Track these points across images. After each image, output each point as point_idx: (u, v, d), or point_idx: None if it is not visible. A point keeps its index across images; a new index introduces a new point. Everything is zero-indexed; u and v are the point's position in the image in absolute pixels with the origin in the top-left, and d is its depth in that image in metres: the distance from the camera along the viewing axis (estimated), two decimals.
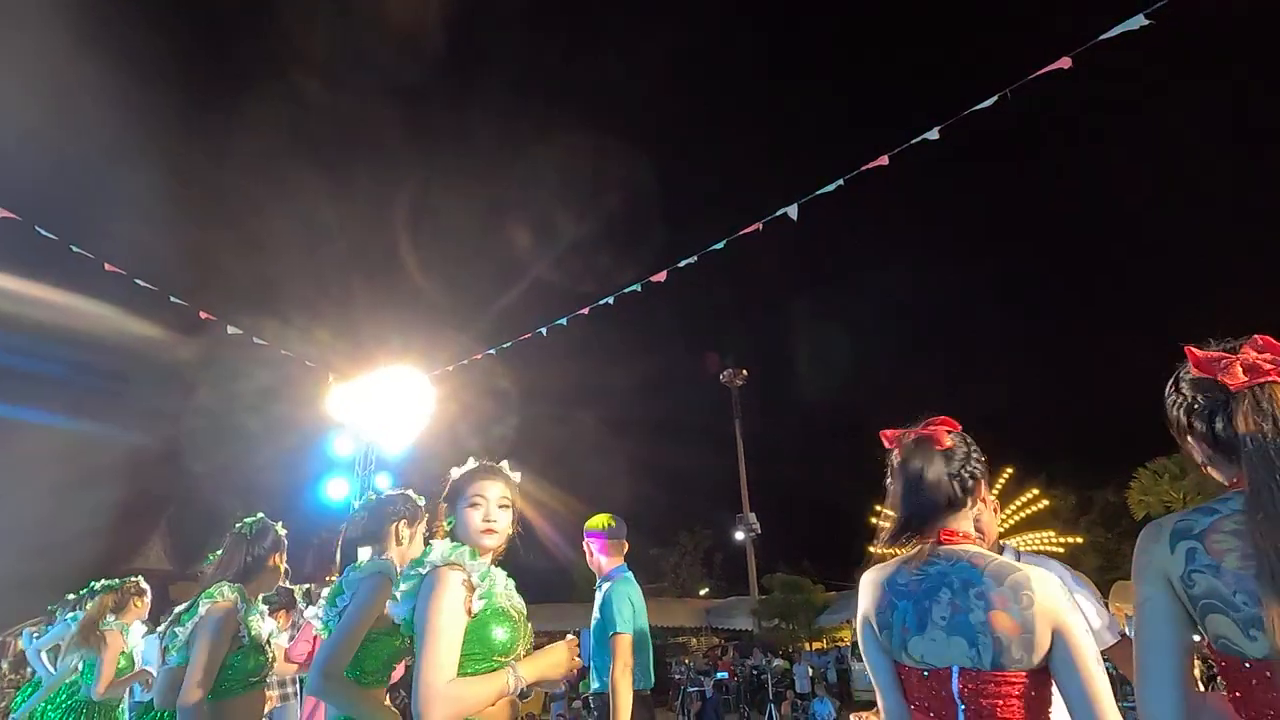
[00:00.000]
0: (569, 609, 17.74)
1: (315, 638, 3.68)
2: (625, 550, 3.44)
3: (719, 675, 16.82)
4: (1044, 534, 23.59)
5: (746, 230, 5.30)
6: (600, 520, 3.42)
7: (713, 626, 25.54)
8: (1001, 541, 2.50)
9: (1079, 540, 25.27)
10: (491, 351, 7.24)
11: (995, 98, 4.31)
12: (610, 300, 6.28)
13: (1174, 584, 1.13)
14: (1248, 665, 1.04)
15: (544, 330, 6.71)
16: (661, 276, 5.85)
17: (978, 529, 2.36)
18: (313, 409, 7.07)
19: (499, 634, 1.64)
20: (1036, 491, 26.22)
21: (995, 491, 2.80)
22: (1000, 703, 1.29)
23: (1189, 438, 1.23)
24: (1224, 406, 1.15)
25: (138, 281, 5.97)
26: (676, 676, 16.51)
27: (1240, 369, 1.13)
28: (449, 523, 1.84)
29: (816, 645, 23.20)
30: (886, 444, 1.60)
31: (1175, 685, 1.11)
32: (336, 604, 2.08)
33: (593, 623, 3.25)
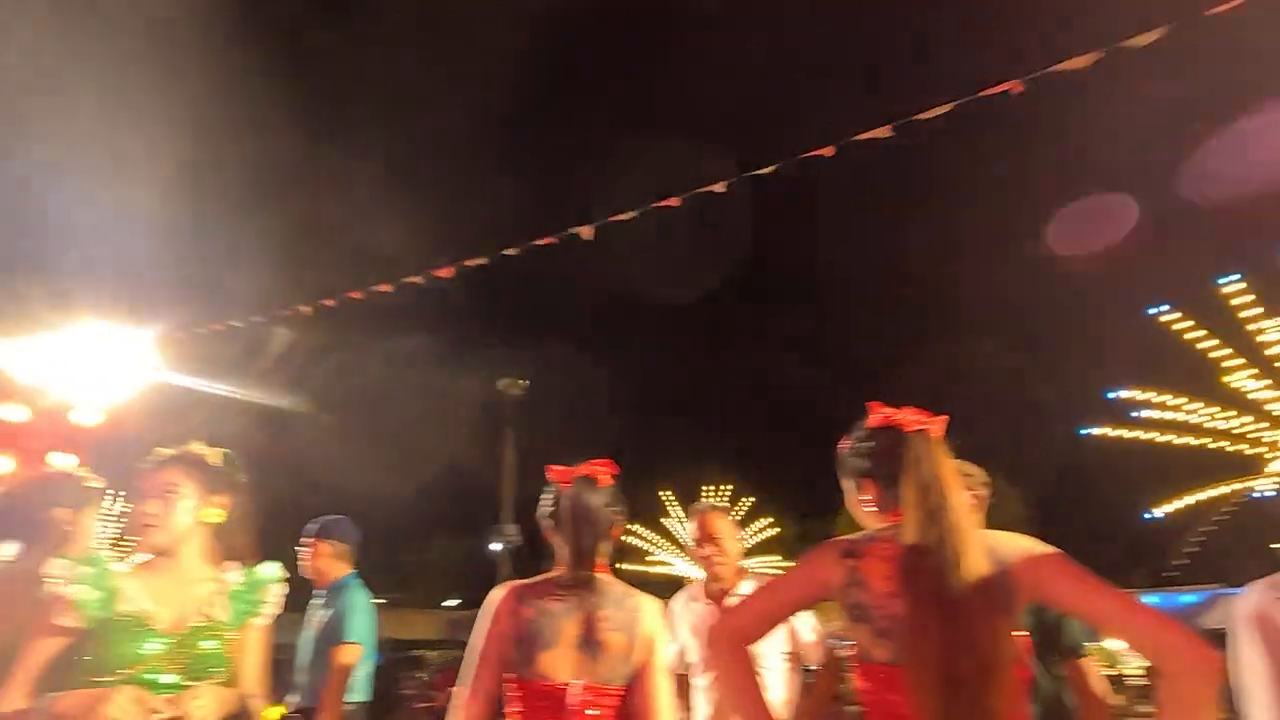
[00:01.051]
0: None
1: None
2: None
3: (454, 689, 16.28)
4: (773, 558, 26.74)
5: (542, 242, 5.29)
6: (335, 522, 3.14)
7: (458, 639, 24.74)
8: (739, 563, 2.73)
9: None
10: (239, 324, 6.35)
11: (772, 168, 4.80)
12: (390, 289, 5.86)
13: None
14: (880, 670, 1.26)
15: (309, 308, 6.05)
16: (449, 272, 5.60)
17: (719, 551, 2.57)
18: None
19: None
20: (769, 520, 29.89)
21: (735, 518, 3.09)
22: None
23: (865, 480, 1.43)
24: (898, 449, 1.36)
25: None
26: (407, 693, 15.66)
27: (909, 420, 1.38)
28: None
29: None
30: (553, 477, 1.76)
31: None
32: None
33: (314, 633, 2.95)
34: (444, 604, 30.77)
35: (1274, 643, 1.32)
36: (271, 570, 1.72)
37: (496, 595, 1.67)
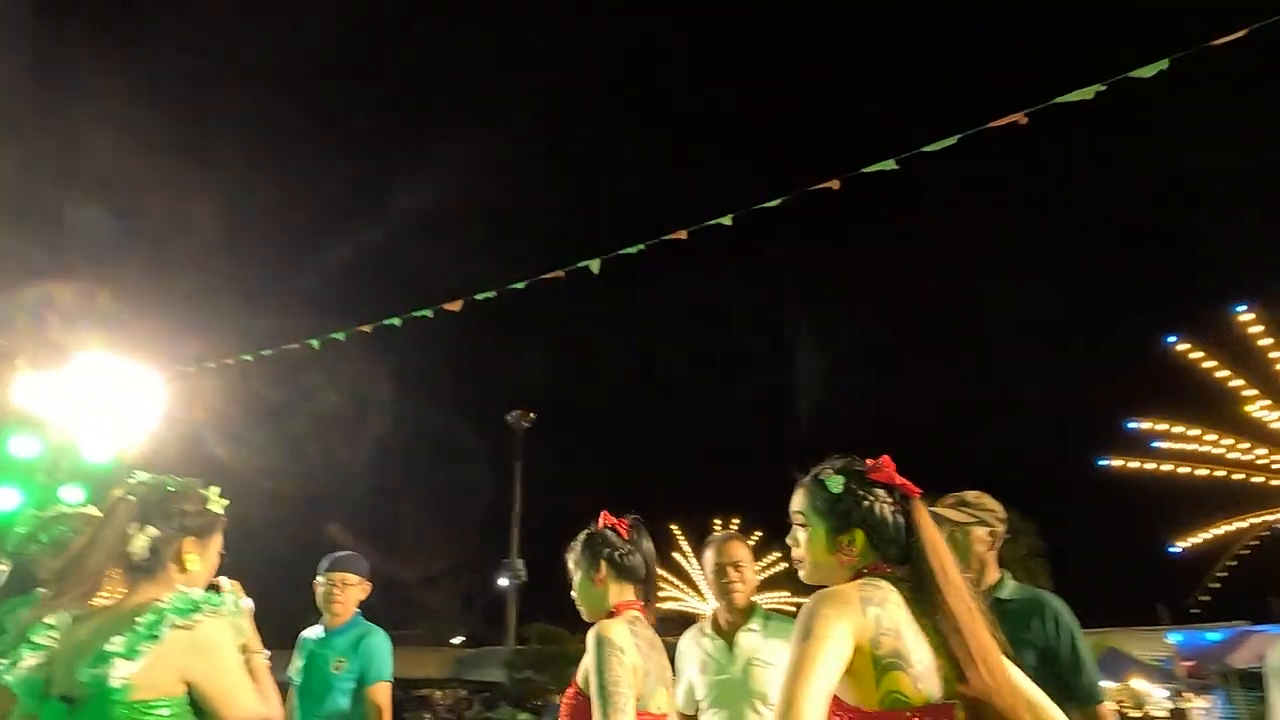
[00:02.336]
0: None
1: None
2: None
3: None
4: (782, 593, 26.23)
5: (549, 275, 5.34)
6: (353, 558, 3.16)
7: (463, 678, 24.26)
8: (752, 599, 2.69)
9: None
10: (248, 357, 6.40)
11: (779, 200, 4.85)
12: (398, 322, 5.91)
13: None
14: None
15: (316, 342, 6.10)
16: (457, 306, 5.65)
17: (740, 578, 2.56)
18: None
19: None
20: (778, 555, 29.61)
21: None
22: None
23: (859, 530, 1.36)
24: (904, 505, 1.34)
25: None
26: None
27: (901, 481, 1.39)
28: None
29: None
30: (621, 531, 1.95)
31: None
32: None
33: (324, 673, 2.93)
34: (451, 641, 30.32)
35: None
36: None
37: (622, 630, 1.74)
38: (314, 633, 3.08)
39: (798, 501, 1.42)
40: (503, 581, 27.85)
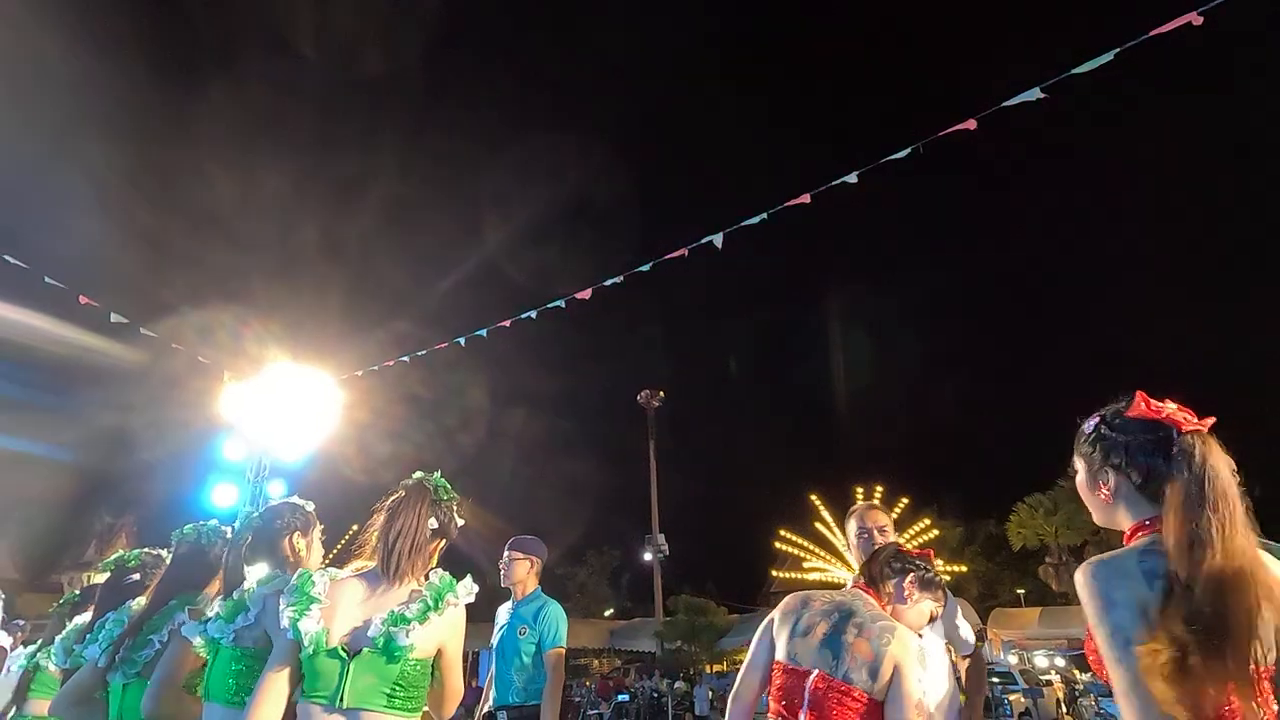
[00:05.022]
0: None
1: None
2: None
3: (620, 697, 16.69)
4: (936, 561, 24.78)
5: (672, 255, 5.39)
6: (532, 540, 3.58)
7: (616, 648, 25.28)
8: None
9: (963, 569, 26.83)
10: (405, 359, 6.99)
11: (909, 149, 4.59)
12: (533, 314, 6.21)
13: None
14: None
15: (462, 340, 6.55)
16: (586, 294, 5.84)
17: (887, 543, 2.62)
18: (202, 410, 6.59)
19: None
20: (929, 521, 27.93)
21: (893, 518, 3.05)
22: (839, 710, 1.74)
23: (1111, 473, 1.26)
24: (1165, 446, 1.20)
25: (7, 259, 5.42)
26: (576, 699, 16.25)
27: (1185, 415, 1.21)
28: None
29: (717, 668, 23.44)
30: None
31: None
32: (236, 621, 1.94)
33: (513, 638, 3.34)
34: (604, 614, 31.66)
35: None
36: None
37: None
38: (504, 606, 3.52)
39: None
40: (647, 556, 28.77)
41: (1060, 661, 20.19)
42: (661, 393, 30.24)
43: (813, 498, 25.96)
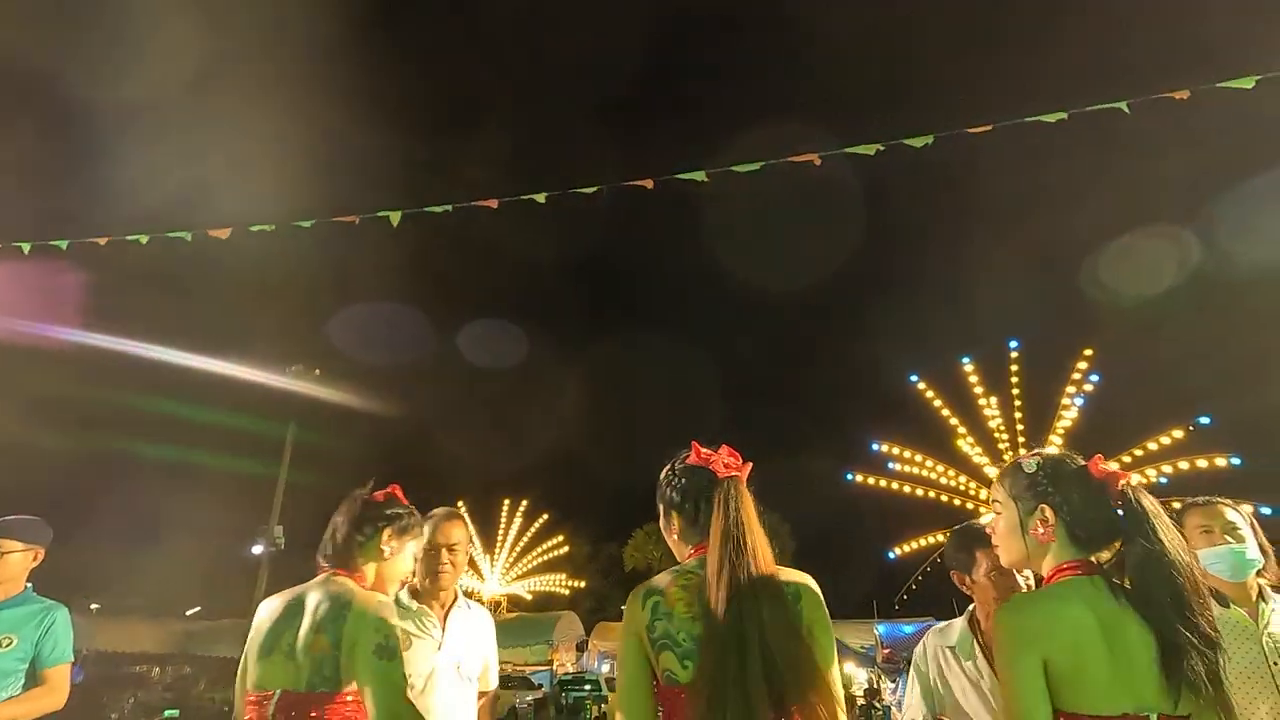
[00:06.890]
0: None
1: None
2: None
3: None
4: (558, 576, 30.35)
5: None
6: None
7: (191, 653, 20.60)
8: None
9: (582, 585, 31.16)
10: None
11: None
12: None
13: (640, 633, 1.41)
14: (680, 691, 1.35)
15: None
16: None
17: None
18: None
19: None
20: (563, 537, 28.28)
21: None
22: None
23: (673, 511, 1.55)
24: (708, 490, 1.48)
25: None
26: None
27: (721, 464, 1.52)
28: None
29: None
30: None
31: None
32: None
33: None
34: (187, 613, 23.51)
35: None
36: None
37: None
38: None
39: None
40: (256, 549, 22.96)
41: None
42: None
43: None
